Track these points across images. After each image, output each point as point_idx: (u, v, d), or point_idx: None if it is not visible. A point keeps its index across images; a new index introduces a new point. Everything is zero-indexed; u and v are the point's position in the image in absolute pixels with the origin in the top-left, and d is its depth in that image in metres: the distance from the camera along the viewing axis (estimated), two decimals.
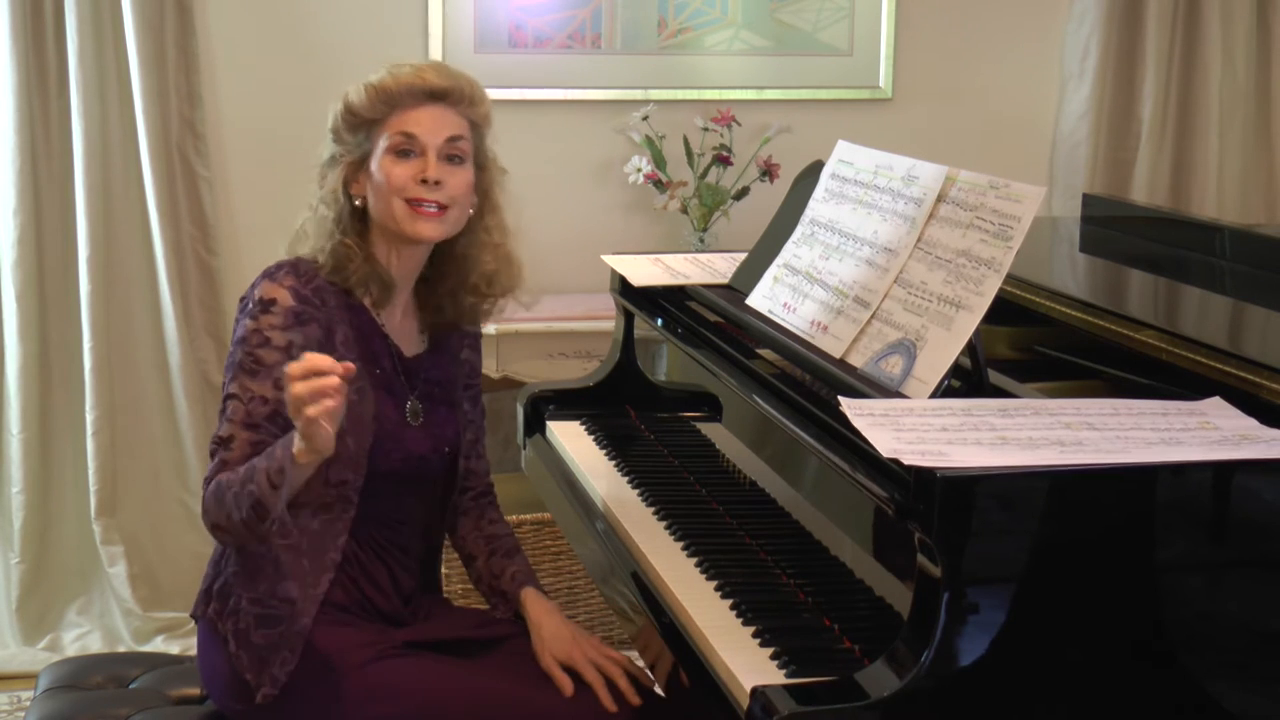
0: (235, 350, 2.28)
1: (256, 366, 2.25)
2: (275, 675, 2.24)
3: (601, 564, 2.48)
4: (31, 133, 3.83)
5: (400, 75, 2.35)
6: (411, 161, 2.33)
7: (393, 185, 2.32)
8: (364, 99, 2.35)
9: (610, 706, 2.30)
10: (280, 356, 2.23)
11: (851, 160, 2.43)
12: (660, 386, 2.96)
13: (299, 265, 2.34)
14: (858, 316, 2.19)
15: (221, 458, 2.25)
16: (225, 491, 2.21)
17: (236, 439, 2.24)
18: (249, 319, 2.27)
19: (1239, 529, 1.79)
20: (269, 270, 2.33)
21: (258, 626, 2.26)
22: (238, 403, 2.25)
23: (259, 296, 2.28)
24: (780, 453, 2.28)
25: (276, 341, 2.25)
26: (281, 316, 2.26)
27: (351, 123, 2.36)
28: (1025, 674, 1.75)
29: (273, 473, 2.14)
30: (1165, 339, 2.13)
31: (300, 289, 2.29)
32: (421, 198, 2.32)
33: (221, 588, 2.30)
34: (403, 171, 2.32)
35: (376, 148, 2.35)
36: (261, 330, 2.26)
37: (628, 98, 4.19)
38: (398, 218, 2.33)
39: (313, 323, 2.29)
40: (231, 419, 2.26)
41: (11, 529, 3.94)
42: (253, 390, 2.25)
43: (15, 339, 3.88)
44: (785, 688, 1.76)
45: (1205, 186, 4.42)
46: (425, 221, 2.33)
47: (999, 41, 4.43)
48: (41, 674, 2.65)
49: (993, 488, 1.71)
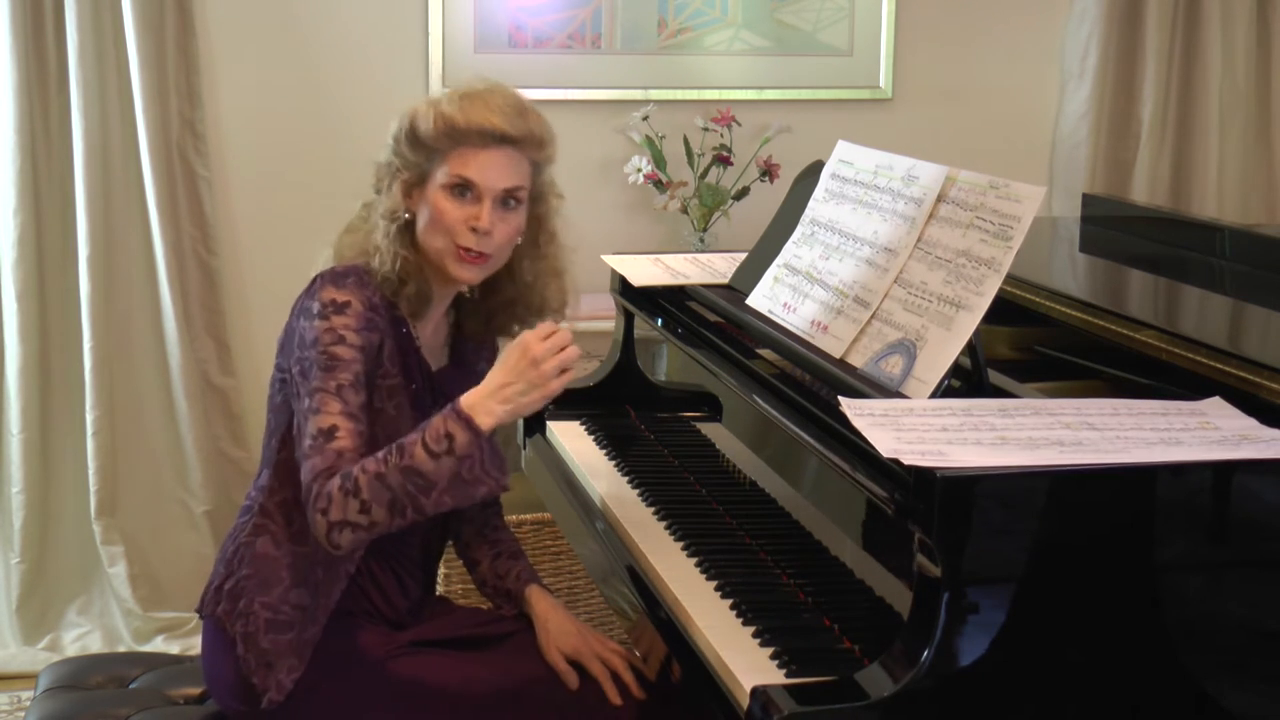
0: (307, 352, 2.22)
1: (334, 362, 2.20)
2: (281, 681, 2.24)
3: (601, 564, 2.48)
4: (31, 133, 3.83)
5: (471, 114, 2.29)
6: (466, 204, 2.29)
7: (445, 225, 2.29)
8: (430, 129, 2.29)
9: (615, 700, 2.32)
10: (355, 355, 2.21)
11: (851, 160, 2.43)
12: (660, 386, 2.96)
13: (362, 275, 2.29)
14: (858, 316, 2.19)
15: (334, 448, 2.14)
16: (360, 479, 2.09)
17: (341, 428, 2.17)
18: (319, 319, 2.22)
19: (1239, 529, 1.79)
20: (332, 276, 2.28)
21: (267, 631, 2.25)
22: (327, 395, 2.18)
23: (329, 299, 2.23)
24: (780, 453, 2.28)
25: (352, 340, 2.22)
26: (355, 318, 2.23)
27: (414, 144, 2.32)
28: (1025, 674, 1.75)
29: (432, 441, 2.09)
30: (1165, 339, 2.13)
31: (370, 297, 2.26)
32: (469, 246, 2.29)
33: (233, 588, 2.29)
34: (456, 214, 2.28)
35: (435, 175, 2.30)
36: (335, 329, 2.21)
37: (628, 98, 4.19)
38: (443, 255, 2.30)
39: (376, 332, 2.26)
40: (326, 410, 2.17)
41: (11, 529, 3.94)
42: (336, 380, 2.19)
43: (15, 339, 3.88)
44: (785, 688, 1.76)
45: (1205, 186, 4.42)
46: (466, 267, 2.31)
47: (999, 41, 4.43)
48: (41, 674, 2.65)
49: (992, 488, 1.71)
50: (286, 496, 2.31)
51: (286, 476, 2.31)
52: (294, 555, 2.28)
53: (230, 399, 4.05)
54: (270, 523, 2.31)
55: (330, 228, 4.23)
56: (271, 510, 2.32)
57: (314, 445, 2.16)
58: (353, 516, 2.10)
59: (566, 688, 2.33)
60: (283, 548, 2.29)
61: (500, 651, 2.40)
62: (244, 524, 2.34)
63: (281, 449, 2.32)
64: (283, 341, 2.33)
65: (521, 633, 2.44)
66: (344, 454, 2.15)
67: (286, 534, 2.30)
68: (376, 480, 2.09)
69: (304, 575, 2.28)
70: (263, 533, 2.31)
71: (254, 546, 2.30)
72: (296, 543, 2.29)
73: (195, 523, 4.04)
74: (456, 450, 2.09)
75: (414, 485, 2.09)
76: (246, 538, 2.32)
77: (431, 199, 2.30)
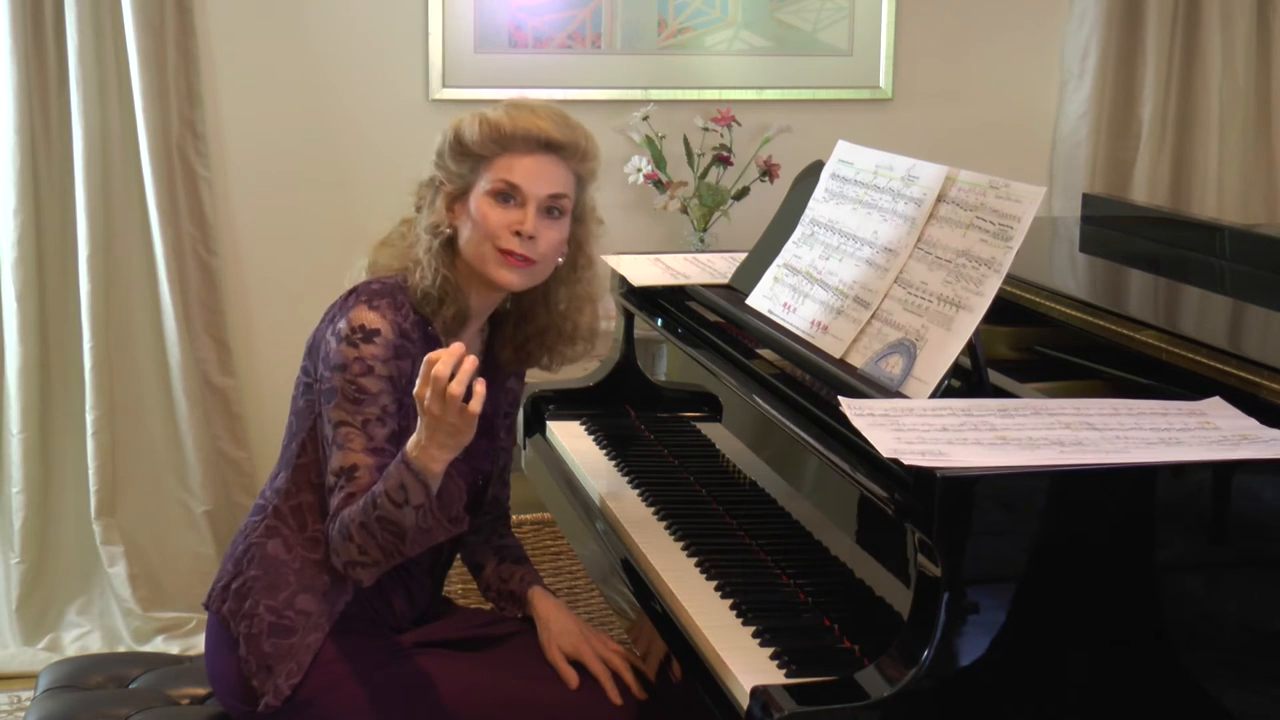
0: (333, 376, 2.22)
1: (361, 395, 2.20)
2: (279, 686, 2.24)
3: (601, 564, 2.49)
4: (31, 133, 3.83)
5: (518, 119, 2.30)
6: (510, 209, 2.30)
7: (488, 229, 2.29)
8: (476, 135, 2.30)
9: (616, 700, 2.33)
10: (383, 386, 2.21)
11: (851, 160, 2.43)
12: (660, 386, 2.96)
13: (395, 296, 2.27)
14: (858, 316, 2.19)
15: (347, 491, 2.19)
16: (350, 527, 2.16)
17: (360, 466, 2.19)
18: (348, 345, 2.21)
19: (1239, 529, 1.79)
20: (366, 294, 2.26)
21: (270, 635, 2.25)
22: (352, 430, 2.20)
23: (360, 324, 2.22)
24: (780, 453, 2.28)
25: (379, 371, 2.21)
26: (384, 348, 2.22)
27: (459, 153, 2.32)
28: (1025, 674, 1.75)
29: (392, 492, 2.11)
30: (1165, 339, 2.13)
31: (401, 322, 2.25)
32: (513, 250, 2.29)
33: (240, 588, 2.29)
34: (500, 218, 2.29)
35: (478, 185, 2.31)
36: (364, 359, 2.21)
37: (628, 98, 4.18)
38: (486, 261, 2.30)
39: (408, 358, 2.25)
40: (349, 447, 2.20)
41: (11, 529, 3.94)
42: (363, 415, 2.20)
43: (15, 339, 3.88)
44: (785, 688, 1.76)
45: (1205, 186, 4.42)
46: (511, 271, 2.30)
47: (999, 41, 4.43)
48: (41, 674, 2.65)
49: (992, 488, 1.71)
50: (302, 501, 2.31)
51: (304, 481, 2.31)
52: (304, 561, 2.28)
53: (230, 399, 4.05)
54: (283, 525, 2.31)
55: (330, 227, 4.25)
56: (285, 513, 2.31)
57: (337, 484, 2.21)
58: (356, 557, 2.18)
59: (567, 688, 2.33)
60: (293, 552, 2.29)
61: (502, 652, 2.41)
62: (256, 523, 2.33)
63: (301, 453, 2.32)
64: (311, 345, 2.32)
65: (523, 633, 2.44)
66: (354, 496, 2.20)
67: (299, 538, 2.30)
68: (362, 529, 2.16)
69: (311, 581, 2.28)
70: (274, 535, 2.31)
71: (265, 548, 2.30)
72: (308, 548, 2.29)
73: (195, 523, 4.04)
74: (412, 500, 2.11)
75: (390, 533, 2.14)
76: (258, 538, 2.31)
77: (475, 206, 2.31)
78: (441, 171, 2.34)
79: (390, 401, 2.23)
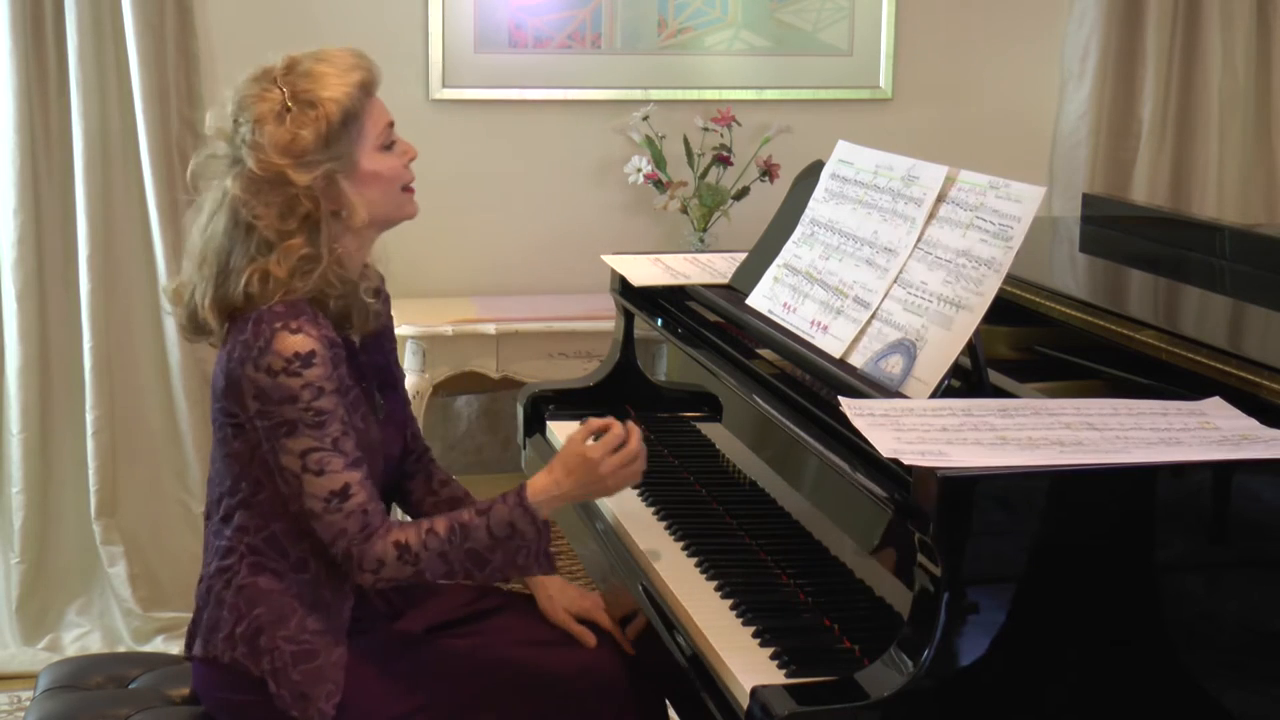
0: (282, 409, 2.16)
1: (320, 417, 2.16)
2: (323, 710, 2.21)
3: (601, 564, 2.49)
4: (31, 133, 3.83)
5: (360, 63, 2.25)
6: (395, 148, 2.30)
7: (396, 175, 2.28)
8: (351, 99, 2.21)
9: (630, 650, 2.37)
10: (336, 401, 2.18)
11: (851, 160, 2.43)
12: (660, 386, 2.96)
13: (304, 310, 2.20)
14: (858, 316, 2.19)
15: (354, 507, 2.17)
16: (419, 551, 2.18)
17: (351, 484, 2.17)
18: (289, 376, 2.15)
19: (1239, 529, 1.79)
20: (277, 319, 2.18)
21: (296, 663, 2.22)
22: (326, 454, 2.16)
23: (294, 352, 2.15)
24: (780, 453, 2.28)
25: (329, 389, 2.17)
26: (323, 366, 2.17)
27: (342, 127, 2.21)
28: (1025, 674, 1.75)
29: (496, 528, 2.19)
30: (1165, 339, 2.13)
31: (325, 334, 2.20)
32: (411, 179, 2.32)
33: (247, 631, 2.24)
34: (396, 160, 2.29)
35: (362, 146, 2.23)
36: (311, 384, 2.16)
37: (628, 98, 4.18)
38: (399, 205, 2.30)
39: (341, 363, 2.22)
40: (329, 470, 2.16)
41: (11, 529, 3.94)
42: (330, 435, 2.17)
43: (15, 339, 3.87)
44: (785, 688, 1.76)
45: (1205, 186, 4.42)
46: (413, 201, 2.33)
47: (999, 41, 4.43)
48: (41, 674, 2.65)
49: (992, 488, 1.71)
50: (273, 530, 2.26)
51: (269, 513, 2.26)
52: (299, 584, 2.26)
53: None
54: (264, 559, 2.26)
55: None
56: (260, 547, 2.26)
57: (331, 507, 2.18)
58: (403, 577, 2.21)
59: (573, 649, 2.37)
60: (286, 579, 2.26)
61: (499, 625, 2.42)
62: (230, 566, 2.27)
63: (257, 491, 2.25)
64: (226, 384, 2.24)
65: (511, 605, 2.47)
66: (368, 510, 2.19)
67: (285, 565, 2.26)
68: (439, 557, 2.19)
69: (313, 601, 2.26)
70: (261, 570, 2.26)
71: (257, 585, 2.25)
72: (297, 570, 2.26)
73: (195, 523, 4.02)
74: (518, 539, 2.20)
75: (471, 563, 2.20)
76: (245, 579, 2.26)
77: (368, 170, 2.24)
78: (328, 162, 2.20)
79: (344, 412, 2.20)
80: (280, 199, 2.19)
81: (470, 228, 4.14)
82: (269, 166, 2.18)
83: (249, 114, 2.21)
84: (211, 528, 2.33)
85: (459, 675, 2.31)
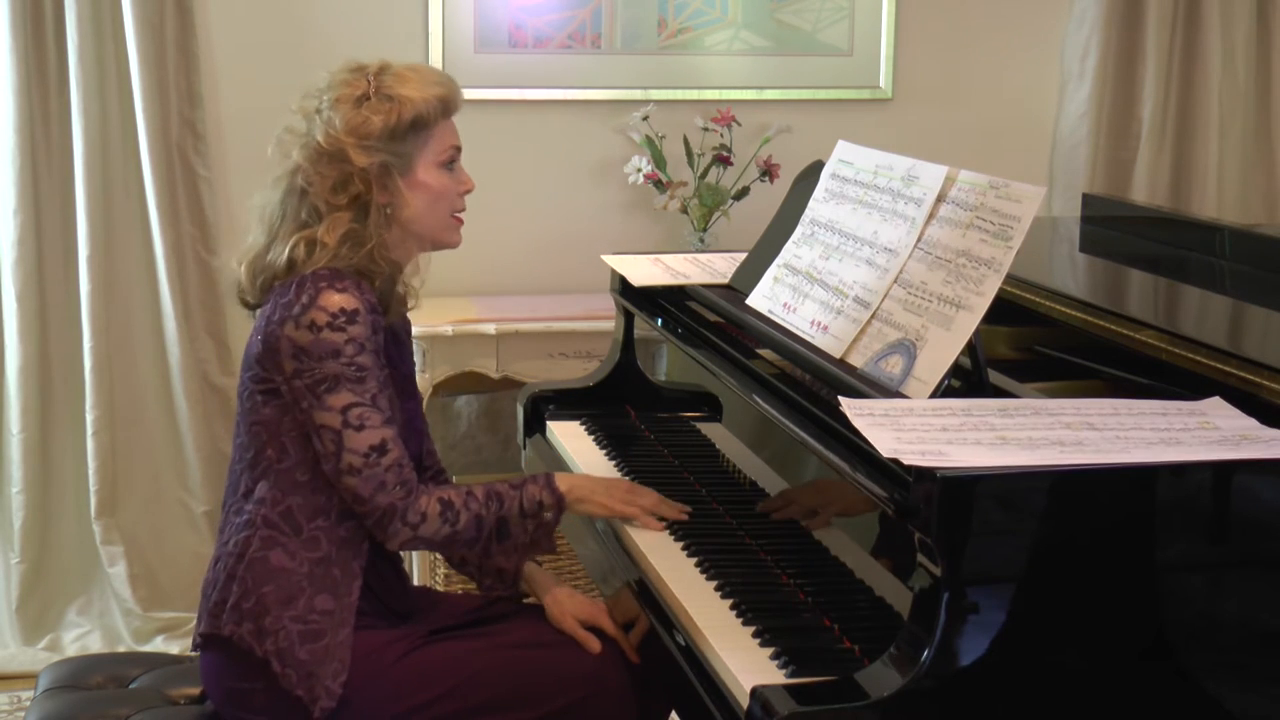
0: (324, 365, 2.22)
1: (362, 372, 2.24)
2: (330, 688, 2.23)
3: (601, 564, 2.49)
4: (31, 132, 3.83)
5: (444, 83, 2.36)
6: (454, 172, 2.38)
7: (447, 197, 2.37)
8: (427, 108, 2.32)
9: (635, 658, 2.38)
10: (376, 360, 2.26)
11: (851, 160, 2.43)
12: (660, 386, 2.96)
13: (349, 276, 2.28)
14: (858, 316, 2.19)
15: (392, 462, 2.24)
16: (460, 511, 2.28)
17: (387, 440, 2.25)
18: (333, 331, 2.22)
19: (1239, 529, 1.79)
20: (323, 280, 2.25)
21: (302, 643, 2.24)
22: (365, 409, 2.23)
23: (340, 308, 2.23)
24: (780, 453, 2.28)
25: (369, 346, 2.25)
26: (366, 325, 2.25)
27: (409, 129, 2.32)
28: (1025, 674, 1.75)
29: (527, 503, 2.33)
30: (1165, 339, 2.13)
31: (368, 298, 2.27)
32: (461, 209, 2.40)
33: (253, 607, 2.26)
34: (452, 184, 2.38)
35: (422, 156, 2.34)
36: (355, 339, 2.23)
37: (628, 98, 4.18)
38: (440, 228, 2.38)
39: (381, 331, 2.30)
40: (369, 425, 2.23)
41: (11, 529, 3.94)
42: (369, 391, 2.24)
43: (15, 339, 3.88)
44: (785, 688, 1.76)
45: (1205, 186, 4.42)
46: (458, 231, 2.42)
47: (999, 41, 4.43)
48: (41, 674, 2.65)
49: (993, 488, 1.71)
50: (290, 505, 2.29)
51: (289, 485, 2.29)
52: (309, 563, 2.27)
53: (230, 399, 4.04)
54: (278, 534, 2.28)
55: None
56: (276, 521, 2.29)
57: (371, 461, 2.24)
58: (437, 536, 2.29)
59: (579, 653, 2.38)
60: (297, 558, 2.27)
61: (508, 630, 2.42)
62: (245, 539, 2.29)
63: (282, 458, 2.29)
64: (261, 353, 2.28)
65: (519, 611, 2.48)
66: (404, 466, 2.27)
67: (297, 543, 2.28)
68: (475, 521, 2.30)
69: (322, 581, 2.27)
70: (273, 545, 2.28)
71: (268, 561, 2.27)
72: (308, 550, 2.28)
73: (195, 523, 4.04)
74: (542, 517, 2.34)
75: (498, 534, 2.32)
76: (257, 552, 2.27)
77: (424, 182, 2.35)
78: (386, 154, 2.31)
79: (381, 372, 2.28)
80: (336, 173, 2.31)
81: (470, 227, 4.11)
82: (334, 141, 2.30)
83: (332, 94, 2.34)
84: (230, 508, 2.36)
85: (462, 676, 2.31)
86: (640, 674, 2.38)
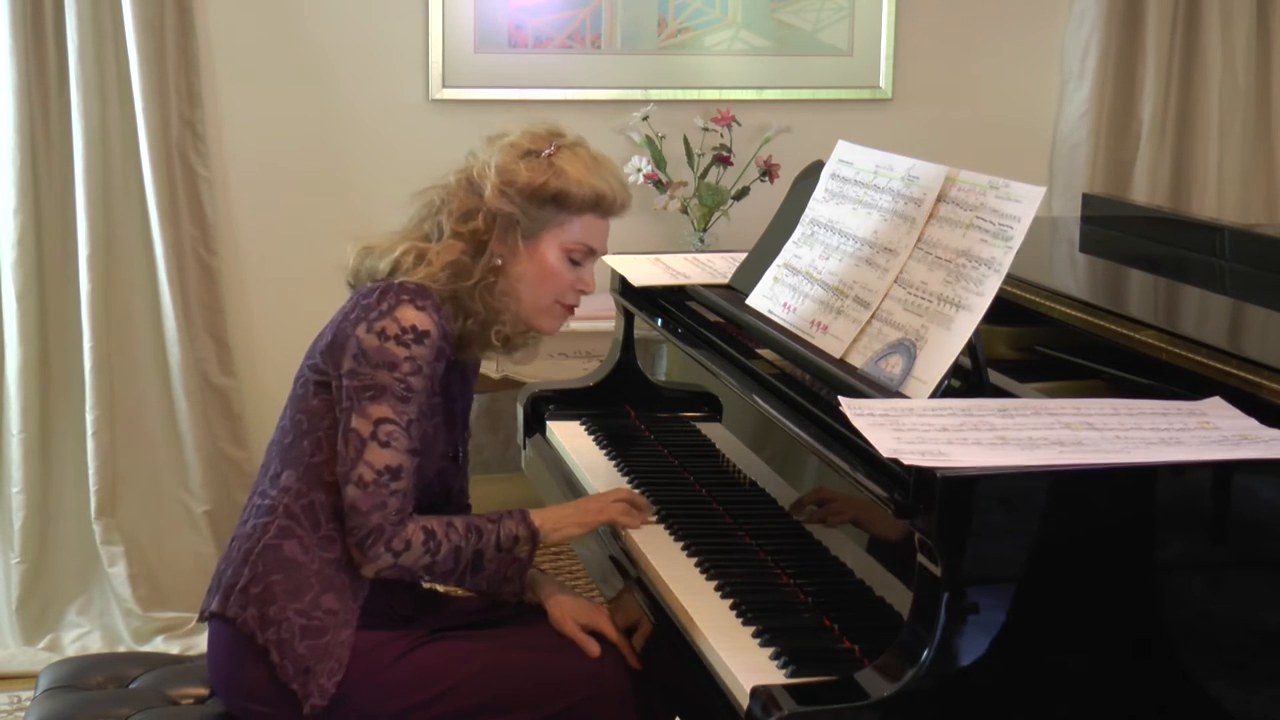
0: (378, 373, 2.24)
1: (409, 394, 2.24)
2: (324, 686, 2.24)
3: (601, 564, 2.49)
4: (31, 132, 3.83)
5: (611, 183, 2.38)
6: (579, 268, 2.38)
7: (559, 286, 2.37)
8: (581, 195, 2.34)
9: (636, 663, 2.37)
10: (425, 386, 2.27)
11: (851, 160, 2.43)
12: (660, 386, 2.96)
13: (434, 298, 2.30)
14: (858, 316, 2.19)
15: (399, 489, 2.24)
16: (440, 542, 2.26)
17: (404, 469, 2.24)
18: (398, 345, 2.24)
19: (1239, 529, 1.79)
20: (407, 294, 2.28)
21: (303, 637, 2.24)
22: (397, 429, 2.24)
23: (412, 325, 2.25)
24: (780, 453, 2.28)
25: (426, 372, 2.26)
26: (432, 350, 2.26)
27: (550, 202, 2.34)
28: (1025, 674, 1.75)
29: (504, 539, 2.31)
30: (1165, 339, 2.13)
31: (444, 325, 2.29)
32: (573, 304, 2.40)
33: (261, 593, 2.27)
34: (571, 278, 2.38)
35: (554, 235, 2.35)
36: (415, 359, 2.25)
37: (628, 98, 4.19)
38: (542, 311, 2.39)
39: (443, 360, 2.31)
40: (393, 446, 2.24)
41: (11, 529, 3.94)
42: (408, 415, 2.25)
43: (15, 339, 3.88)
44: (785, 687, 1.76)
45: (1205, 186, 4.42)
46: (559, 321, 2.42)
47: (999, 42, 4.43)
48: (41, 674, 2.65)
49: (993, 488, 1.71)
50: (314, 500, 2.29)
51: (316, 480, 2.30)
52: (322, 561, 2.28)
53: (230, 399, 4.05)
54: (296, 526, 2.29)
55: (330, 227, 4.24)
56: (297, 513, 2.29)
57: (381, 481, 2.24)
58: (416, 565, 2.27)
59: (581, 656, 2.37)
60: (310, 553, 2.28)
61: (510, 632, 2.42)
62: (264, 524, 2.30)
63: (315, 452, 2.30)
64: (329, 344, 2.31)
65: (522, 614, 2.47)
66: (407, 498, 2.26)
67: (314, 539, 2.28)
68: (453, 552, 2.28)
69: (332, 580, 2.28)
70: (289, 536, 2.28)
71: (281, 550, 2.28)
72: (323, 548, 2.28)
73: (195, 523, 4.04)
74: (516, 553, 2.33)
75: (473, 568, 2.30)
76: (271, 540, 2.28)
77: (547, 257, 2.36)
78: (517, 210, 2.34)
79: (428, 401, 2.29)
80: (469, 202, 2.36)
81: None
82: (483, 174, 2.36)
83: (514, 139, 2.38)
84: (257, 488, 2.38)
85: (462, 676, 2.31)
86: (641, 677, 2.38)
